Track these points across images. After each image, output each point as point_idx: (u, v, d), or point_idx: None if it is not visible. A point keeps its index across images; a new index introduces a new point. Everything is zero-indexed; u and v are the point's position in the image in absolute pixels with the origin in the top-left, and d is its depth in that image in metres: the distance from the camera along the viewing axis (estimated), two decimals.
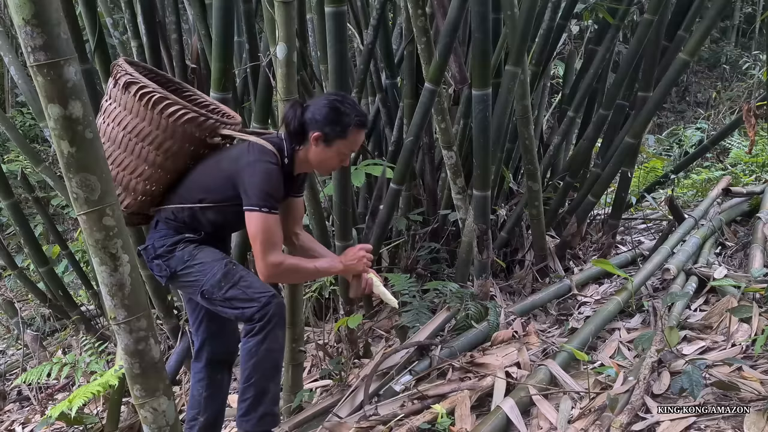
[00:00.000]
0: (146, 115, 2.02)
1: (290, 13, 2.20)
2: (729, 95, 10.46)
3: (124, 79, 2.01)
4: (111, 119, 2.07)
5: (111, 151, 2.07)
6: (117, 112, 2.06)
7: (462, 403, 2.28)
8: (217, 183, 2.07)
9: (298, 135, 2.08)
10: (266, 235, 1.96)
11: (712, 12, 3.39)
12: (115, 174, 2.08)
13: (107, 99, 2.10)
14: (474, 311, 2.93)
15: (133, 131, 2.04)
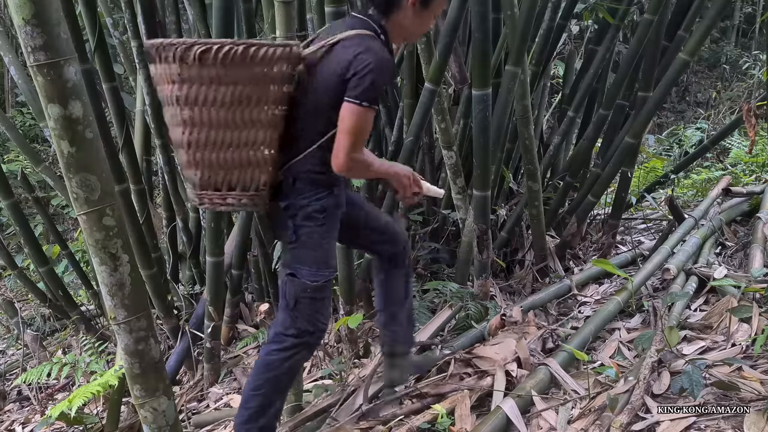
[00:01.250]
0: (238, 75, 1.73)
1: (290, 13, 2.20)
2: (729, 95, 10.46)
3: (197, 49, 1.69)
4: (197, 103, 1.75)
5: (217, 136, 1.78)
6: (199, 90, 1.74)
7: (462, 403, 2.28)
8: (331, 102, 1.82)
9: (389, 6, 1.87)
10: (361, 132, 1.81)
11: (712, 12, 3.39)
12: (238, 157, 1.80)
13: (170, 85, 1.76)
14: (474, 311, 2.93)
15: (234, 100, 1.75)
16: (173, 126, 1.81)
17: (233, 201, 1.84)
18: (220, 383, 3.39)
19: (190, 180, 1.85)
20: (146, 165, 4.29)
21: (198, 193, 1.84)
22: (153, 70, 1.79)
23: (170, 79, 1.74)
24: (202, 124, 1.76)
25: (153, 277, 3.55)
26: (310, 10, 3.45)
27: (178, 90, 1.74)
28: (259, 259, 3.78)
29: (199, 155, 1.79)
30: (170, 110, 1.79)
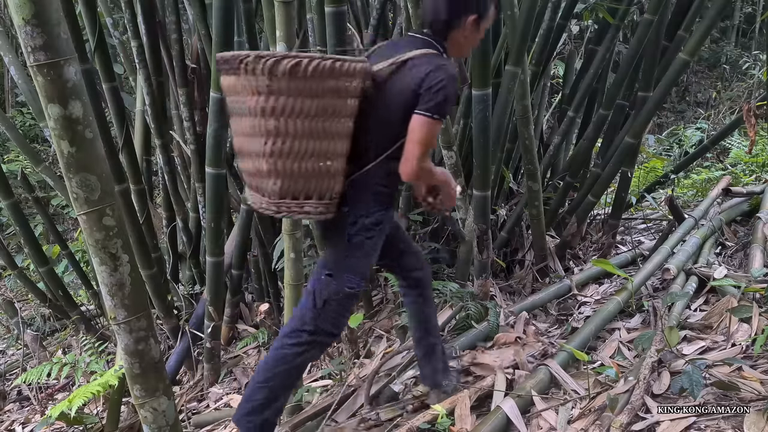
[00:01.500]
0: (323, 88, 1.79)
1: (290, 13, 2.20)
2: (729, 95, 10.47)
3: (287, 63, 1.73)
4: (284, 114, 1.78)
5: (300, 146, 1.81)
6: (287, 102, 1.77)
7: (462, 403, 2.28)
8: (401, 115, 1.90)
9: (449, 26, 1.98)
10: (430, 143, 1.91)
11: (712, 12, 3.39)
12: (317, 167, 1.84)
13: (254, 96, 1.77)
14: (474, 311, 2.93)
15: (317, 112, 1.80)
16: (252, 136, 1.83)
17: (310, 209, 1.89)
18: (220, 383, 3.39)
19: (265, 189, 1.87)
20: (146, 165, 4.29)
21: (276, 201, 1.86)
22: (230, 81, 1.81)
23: (256, 91, 1.76)
24: (286, 134, 1.80)
25: (153, 277, 3.55)
26: (310, 10, 3.45)
27: (264, 101, 1.77)
28: (259, 259, 3.78)
29: (281, 165, 1.82)
30: (248, 121, 1.81)
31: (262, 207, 1.90)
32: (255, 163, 1.85)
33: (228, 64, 1.79)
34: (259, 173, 1.85)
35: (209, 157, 3.01)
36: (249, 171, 1.90)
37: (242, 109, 1.82)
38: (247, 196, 2.07)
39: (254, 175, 1.88)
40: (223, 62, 1.81)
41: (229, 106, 1.90)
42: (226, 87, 1.86)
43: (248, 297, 4.05)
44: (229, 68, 1.80)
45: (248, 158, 1.88)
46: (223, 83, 1.86)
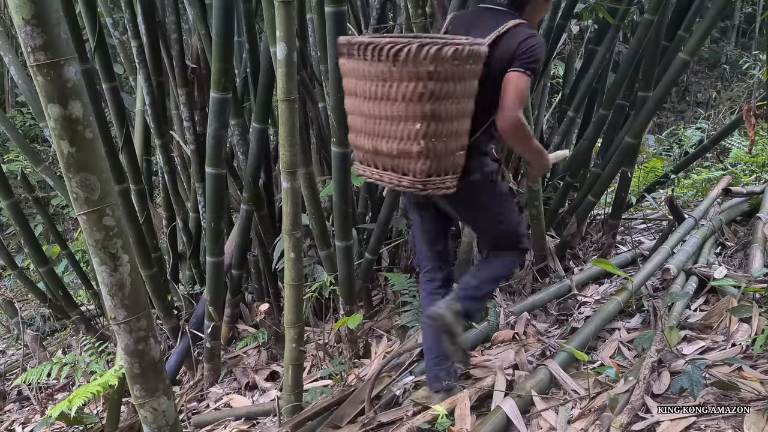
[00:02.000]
0: (469, 72, 1.93)
1: (290, 13, 2.20)
2: (729, 95, 10.47)
3: (448, 49, 1.84)
4: (440, 97, 1.89)
5: (449, 127, 1.95)
6: (443, 86, 1.89)
7: (462, 403, 2.28)
8: (498, 83, 2.06)
9: (525, 1, 2.19)
10: (524, 95, 2.06)
11: (712, 12, 3.39)
12: (455, 145, 2.00)
13: (414, 82, 1.86)
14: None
15: (462, 94, 1.95)
16: (400, 120, 1.92)
17: (449, 184, 2.03)
18: (220, 383, 3.39)
19: (411, 169, 1.97)
20: (146, 165, 4.29)
21: (423, 180, 1.97)
22: (384, 68, 1.88)
23: (418, 77, 1.85)
24: (439, 117, 1.91)
25: (153, 277, 3.55)
26: (310, 10, 3.45)
27: (423, 87, 1.86)
28: (259, 259, 3.78)
29: (432, 145, 1.93)
30: (398, 105, 1.90)
31: (401, 185, 2.01)
32: (400, 145, 1.95)
33: (376, 52, 1.87)
34: (404, 154, 1.96)
35: (209, 157, 3.02)
36: (388, 153, 1.99)
37: (388, 94, 1.90)
38: (365, 174, 2.15)
39: (396, 157, 1.98)
40: (370, 50, 1.88)
41: (360, 92, 1.98)
42: (366, 74, 1.93)
43: (248, 297, 4.05)
44: (376, 56, 1.87)
45: (388, 140, 1.97)
46: (362, 70, 1.94)
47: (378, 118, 1.98)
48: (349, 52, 1.96)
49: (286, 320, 2.55)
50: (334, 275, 3.12)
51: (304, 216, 3.05)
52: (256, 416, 2.89)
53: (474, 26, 2.16)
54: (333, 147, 2.90)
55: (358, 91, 2.01)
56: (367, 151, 2.08)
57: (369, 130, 2.03)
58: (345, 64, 2.02)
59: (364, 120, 2.03)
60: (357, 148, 2.15)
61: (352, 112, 2.10)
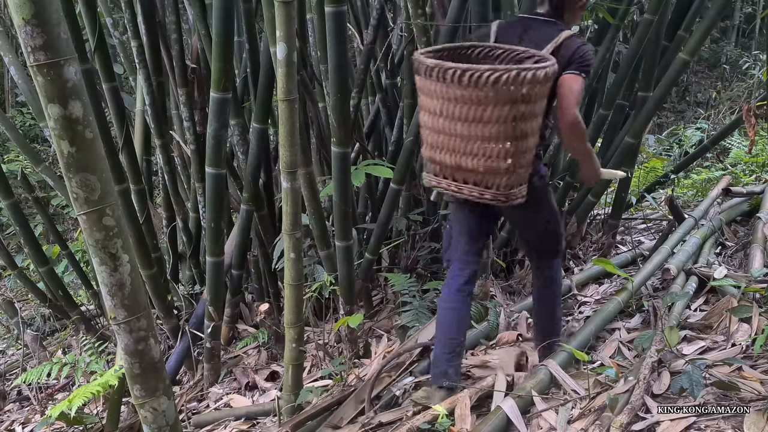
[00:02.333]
0: (541, 92, 2.05)
1: (290, 13, 2.20)
2: (729, 95, 10.47)
3: (535, 72, 1.96)
4: (525, 119, 2.04)
5: (527, 144, 2.10)
6: (528, 107, 2.03)
7: (462, 403, 2.28)
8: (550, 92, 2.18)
9: (563, 11, 2.34)
10: (580, 94, 2.21)
11: (712, 12, 3.39)
12: (528, 159, 2.14)
13: (508, 105, 1.99)
14: (474, 311, 2.93)
15: (537, 112, 2.09)
16: (489, 140, 2.05)
17: (524, 192, 2.20)
18: (220, 383, 3.39)
19: (497, 184, 2.12)
20: (146, 165, 4.29)
21: (506, 192, 2.14)
22: (481, 94, 1.97)
23: (513, 100, 1.99)
24: (524, 135, 2.07)
25: (153, 277, 3.55)
26: (310, 10, 3.45)
27: (516, 110, 2.00)
28: (259, 259, 3.78)
29: (516, 161, 2.09)
30: (494, 127, 2.02)
31: (483, 198, 2.16)
32: (488, 162, 2.08)
33: (474, 79, 1.96)
34: (491, 171, 2.10)
35: (209, 157, 3.02)
36: (473, 169, 2.12)
37: (482, 116, 2.01)
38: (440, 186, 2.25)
39: (482, 173, 2.11)
40: (467, 77, 1.96)
41: (446, 113, 2.06)
42: (458, 97, 2.01)
43: (248, 297, 4.05)
44: (473, 82, 1.97)
45: (474, 158, 2.09)
46: (453, 94, 2.02)
47: (466, 137, 2.07)
48: (439, 76, 2.01)
49: (286, 320, 2.55)
50: (334, 275, 3.12)
51: (304, 216, 3.05)
52: (256, 416, 2.89)
53: (525, 37, 2.28)
54: (333, 147, 2.90)
55: (444, 112, 2.07)
56: (448, 166, 2.17)
57: (453, 148, 2.12)
58: (429, 85, 2.08)
59: (448, 138, 2.11)
60: (434, 162, 2.22)
61: (432, 129, 2.16)
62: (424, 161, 2.29)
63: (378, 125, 4.01)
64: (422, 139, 2.25)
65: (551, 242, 2.53)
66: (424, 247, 3.60)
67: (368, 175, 3.34)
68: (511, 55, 2.23)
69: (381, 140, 4.06)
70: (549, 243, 2.53)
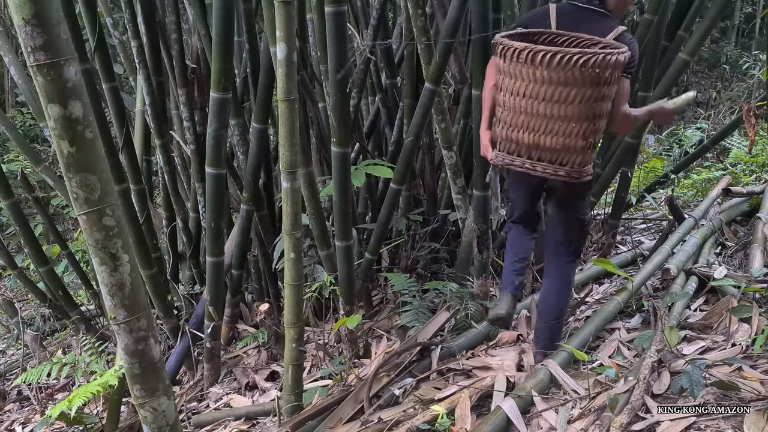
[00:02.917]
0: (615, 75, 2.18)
1: (290, 13, 2.20)
2: (729, 95, 10.47)
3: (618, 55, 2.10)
4: (605, 99, 2.18)
5: (602, 124, 2.25)
6: (610, 89, 2.19)
7: (462, 403, 2.28)
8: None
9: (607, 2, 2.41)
10: (629, 93, 2.39)
11: (712, 12, 3.39)
12: (597, 140, 2.30)
13: (599, 87, 2.14)
14: (474, 311, 2.93)
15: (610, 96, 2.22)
16: (576, 120, 2.18)
17: (591, 170, 2.35)
18: (220, 383, 3.39)
19: (572, 161, 2.26)
20: (146, 165, 4.29)
21: (580, 169, 2.28)
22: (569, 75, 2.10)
23: (599, 82, 2.13)
24: (601, 116, 2.23)
25: (153, 277, 3.55)
26: (310, 10, 3.45)
27: (598, 91, 2.15)
28: (259, 259, 3.78)
29: (592, 140, 2.26)
30: (577, 107, 2.16)
31: (557, 174, 2.29)
32: (567, 140, 2.22)
33: (564, 61, 2.09)
34: (568, 149, 2.23)
35: (209, 157, 3.02)
36: (551, 147, 2.25)
37: (566, 97, 2.15)
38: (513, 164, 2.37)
39: (558, 151, 2.25)
40: (557, 59, 2.09)
41: (531, 93, 2.19)
42: (545, 78, 2.14)
43: (248, 297, 4.06)
44: (563, 65, 2.09)
45: (554, 136, 2.23)
46: (540, 75, 2.14)
47: (548, 117, 2.20)
48: (527, 59, 2.14)
49: (286, 320, 2.55)
50: (334, 275, 3.12)
51: (304, 216, 3.05)
52: (256, 416, 2.89)
53: (581, 25, 2.36)
54: (333, 147, 2.90)
55: (528, 93, 2.19)
56: (525, 144, 2.29)
57: (533, 127, 2.25)
58: (514, 67, 2.20)
59: (529, 118, 2.24)
60: (509, 140, 2.34)
61: (513, 110, 2.27)
62: (498, 140, 2.39)
63: (378, 125, 4.02)
64: (497, 119, 2.36)
65: (578, 235, 2.60)
66: (424, 247, 3.60)
67: (368, 175, 3.34)
68: (579, 41, 2.32)
69: (381, 140, 4.06)
70: (575, 235, 2.59)
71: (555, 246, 2.64)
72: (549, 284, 2.66)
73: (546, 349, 2.58)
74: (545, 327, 2.64)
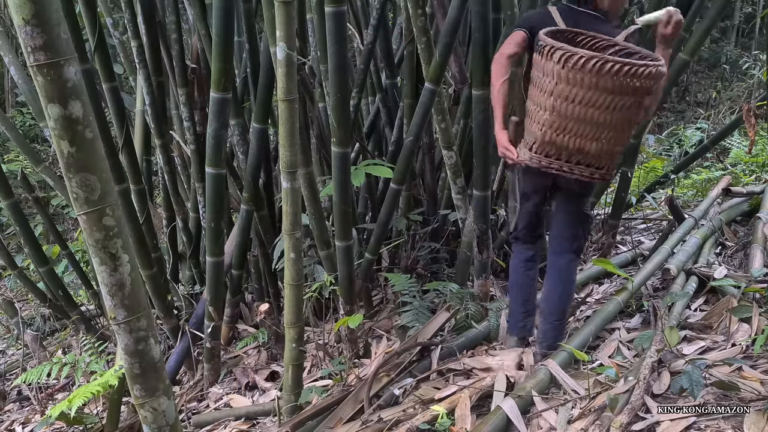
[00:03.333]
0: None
1: (290, 13, 2.20)
2: (729, 95, 10.47)
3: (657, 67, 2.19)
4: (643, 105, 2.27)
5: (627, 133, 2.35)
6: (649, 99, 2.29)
7: (462, 403, 2.28)
8: None
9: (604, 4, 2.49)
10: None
11: (712, 12, 3.39)
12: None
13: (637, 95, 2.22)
14: (474, 311, 2.93)
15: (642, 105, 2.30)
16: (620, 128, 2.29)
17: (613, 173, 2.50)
18: (220, 383, 3.39)
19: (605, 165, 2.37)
20: (146, 165, 4.29)
21: (609, 173, 2.42)
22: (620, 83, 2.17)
23: (644, 91, 2.23)
24: (636, 123, 2.39)
25: (153, 277, 3.55)
26: (310, 10, 3.45)
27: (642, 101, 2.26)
28: (259, 259, 3.78)
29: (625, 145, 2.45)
30: (625, 114, 2.26)
31: (593, 177, 2.39)
32: (608, 146, 2.32)
33: (614, 69, 2.16)
34: (609, 154, 2.35)
35: (209, 157, 3.02)
36: (595, 152, 2.33)
37: (615, 105, 2.23)
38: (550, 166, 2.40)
39: (596, 156, 2.34)
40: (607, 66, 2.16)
41: (583, 100, 2.24)
42: (592, 84, 2.19)
43: (248, 297, 4.06)
44: (613, 73, 2.16)
45: (598, 142, 2.31)
46: (591, 82, 2.19)
47: (599, 124, 2.27)
48: (584, 67, 2.18)
49: (286, 320, 2.55)
50: (334, 275, 3.12)
51: (304, 216, 3.05)
52: (256, 416, 2.89)
53: (587, 28, 2.41)
54: (333, 147, 2.90)
55: (578, 99, 2.24)
56: (567, 148, 2.33)
57: (580, 132, 2.30)
58: (568, 73, 2.22)
59: (577, 124, 2.28)
60: (551, 144, 2.36)
61: (560, 114, 2.29)
62: (532, 142, 2.40)
63: (378, 125, 4.02)
64: (540, 122, 2.35)
65: (581, 231, 2.66)
66: (424, 247, 3.60)
67: (368, 175, 3.34)
68: (598, 43, 2.37)
69: (381, 140, 4.06)
70: (579, 231, 2.65)
71: (559, 242, 2.65)
72: (552, 284, 2.66)
73: (549, 349, 2.59)
74: (549, 327, 2.64)
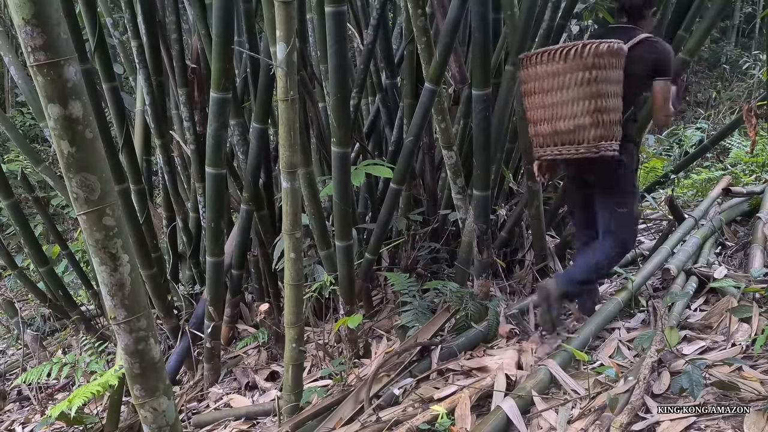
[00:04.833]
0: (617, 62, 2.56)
1: (290, 13, 2.20)
2: (729, 95, 10.47)
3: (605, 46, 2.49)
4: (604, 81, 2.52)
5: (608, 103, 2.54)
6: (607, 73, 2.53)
7: (462, 403, 2.28)
8: (645, 78, 2.66)
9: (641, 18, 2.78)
10: (668, 94, 2.68)
11: (712, 12, 3.39)
12: (615, 118, 2.57)
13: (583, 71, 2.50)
14: (474, 311, 2.93)
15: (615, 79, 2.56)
16: (574, 101, 2.54)
17: (615, 147, 2.59)
18: (220, 383, 3.39)
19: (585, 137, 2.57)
20: (146, 165, 4.29)
21: (596, 144, 2.57)
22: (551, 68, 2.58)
23: (585, 67, 2.52)
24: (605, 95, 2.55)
25: (153, 277, 3.55)
26: (310, 10, 3.46)
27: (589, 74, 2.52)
28: (259, 259, 3.78)
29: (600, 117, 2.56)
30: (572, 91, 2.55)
31: (579, 153, 2.60)
32: (576, 120, 2.57)
33: (553, 56, 2.56)
34: (579, 127, 2.57)
35: (209, 157, 3.01)
36: (566, 129, 2.60)
37: (563, 83, 2.56)
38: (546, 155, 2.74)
39: (572, 131, 2.59)
40: (546, 56, 2.59)
41: (538, 89, 2.64)
42: (545, 73, 2.60)
43: (248, 297, 4.06)
44: (551, 59, 2.57)
45: (565, 120, 2.59)
46: (541, 71, 2.61)
47: (556, 104, 2.59)
48: (534, 60, 2.62)
49: (286, 320, 2.55)
50: (334, 275, 3.12)
51: (304, 216, 3.05)
52: (256, 416, 2.89)
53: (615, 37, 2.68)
54: (333, 147, 2.90)
55: (536, 89, 2.63)
56: (547, 134, 2.66)
57: (548, 117, 2.63)
58: (528, 73, 2.67)
59: (543, 110, 2.64)
60: (538, 135, 2.72)
61: (531, 109, 2.70)
62: (534, 142, 2.77)
63: (378, 125, 4.02)
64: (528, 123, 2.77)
65: (621, 227, 2.78)
66: (424, 247, 3.60)
67: (368, 175, 3.34)
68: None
69: (381, 140, 4.06)
70: (618, 226, 2.78)
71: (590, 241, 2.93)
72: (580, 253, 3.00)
73: (563, 286, 2.80)
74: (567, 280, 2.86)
